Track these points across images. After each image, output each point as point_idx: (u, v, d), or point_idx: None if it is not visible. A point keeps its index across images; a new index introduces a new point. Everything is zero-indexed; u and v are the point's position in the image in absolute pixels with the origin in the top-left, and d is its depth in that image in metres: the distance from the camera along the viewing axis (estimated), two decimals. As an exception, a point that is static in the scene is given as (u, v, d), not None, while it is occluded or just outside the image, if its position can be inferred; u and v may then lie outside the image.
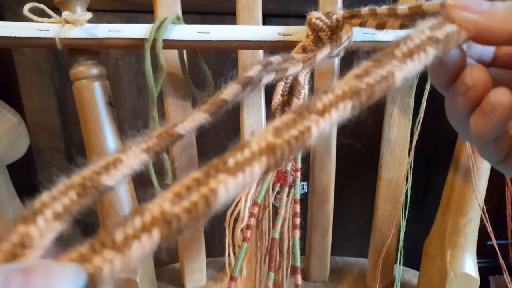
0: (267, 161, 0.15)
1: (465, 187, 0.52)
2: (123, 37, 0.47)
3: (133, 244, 0.13)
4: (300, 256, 0.44)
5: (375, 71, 0.18)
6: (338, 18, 0.42)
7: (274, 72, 0.30)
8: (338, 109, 0.16)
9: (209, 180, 0.14)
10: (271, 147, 0.15)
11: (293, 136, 0.15)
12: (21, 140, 0.74)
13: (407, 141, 0.53)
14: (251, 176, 0.14)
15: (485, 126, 0.20)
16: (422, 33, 0.19)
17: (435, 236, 0.57)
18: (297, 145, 0.15)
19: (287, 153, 0.15)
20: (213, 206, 0.14)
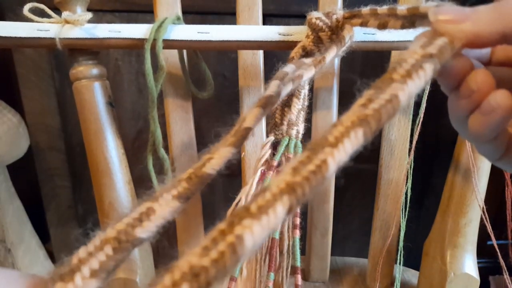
0: (289, 199, 0.15)
1: (465, 187, 0.52)
2: (123, 37, 0.47)
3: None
4: (300, 256, 0.43)
5: (378, 97, 0.18)
6: (338, 18, 0.42)
7: (290, 82, 0.30)
8: (350, 138, 0.16)
9: (234, 228, 0.14)
10: (290, 186, 0.15)
11: (311, 171, 0.15)
12: (21, 140, 0.74)
13: (407, 141, 0.53)
14: (276, 217, 0.14)
15: (483, 126, 0.21)
16: (415, 52, 0.19)
17: (435, 236, 0.57)
18: (316, 179, 0.15)
19: (308, 188, 0.15)
20: (240, 253, 0.14)
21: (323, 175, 0.15)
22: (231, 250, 0.13)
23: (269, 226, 0.14)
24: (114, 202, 0.52)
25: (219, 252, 0.14)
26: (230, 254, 0.13)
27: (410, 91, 0.18)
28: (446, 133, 0.86)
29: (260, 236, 0.14)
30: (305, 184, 0.15)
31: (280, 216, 0.14)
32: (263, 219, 0.14)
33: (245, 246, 0.14)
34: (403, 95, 0.18)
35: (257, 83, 0.52)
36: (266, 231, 0.14)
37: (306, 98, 0.45)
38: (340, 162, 0.16)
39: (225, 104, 0.80)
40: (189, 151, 0.56)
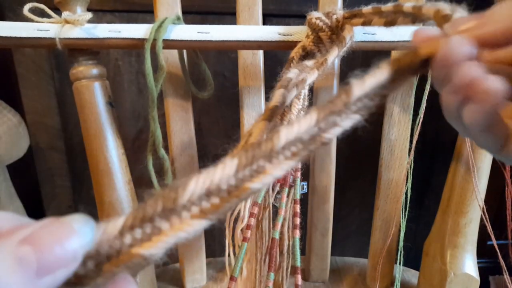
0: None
1: (465, 187, 0.52)
2: (123, 37, 0.47)
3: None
4: (300, 256, 0.43)
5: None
6: (338, 18, 0.42)
7: (295, 88, 0.30)
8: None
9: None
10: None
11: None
12: (21, 140, 0.74)
13: (407, 141, 0.53)
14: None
15: (476, 113, 0.21)
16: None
17: (435, 236, 0.57)
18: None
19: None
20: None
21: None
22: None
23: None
24: (114, 202, 0.52)
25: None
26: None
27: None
28: (446, 133, 0.86)
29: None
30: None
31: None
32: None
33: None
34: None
35: (257, 83, 0.52)
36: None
37: (306, 98, 0.44)
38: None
39: (225, 104, 0.80)
40: (189, 151, 0.55)
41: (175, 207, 0.16)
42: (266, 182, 0.17)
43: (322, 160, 0.55)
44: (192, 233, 0.16)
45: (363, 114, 0.20)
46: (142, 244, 0.15)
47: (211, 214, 0.16)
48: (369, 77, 0.20)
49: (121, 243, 0.15)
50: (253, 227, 0.45)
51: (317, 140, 0.19)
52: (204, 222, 0.16)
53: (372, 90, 0.20)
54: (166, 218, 0.16)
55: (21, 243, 0.13)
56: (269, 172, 0.17)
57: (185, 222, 0.16)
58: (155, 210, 0.16)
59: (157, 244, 0.15)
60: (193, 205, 0.16)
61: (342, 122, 0.19)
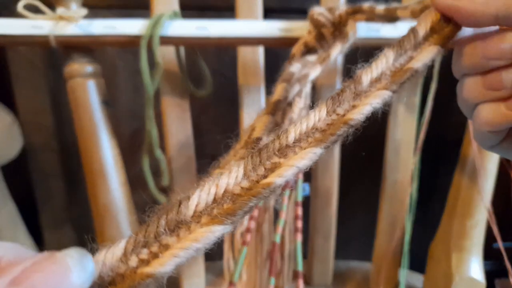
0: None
1: (471, 189, 0.51)
2: (119, 34, 0.47)
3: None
4: (301, 260, 0.43)
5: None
6: (341, 13, 0.41)
7: (297, 83, 0.30)
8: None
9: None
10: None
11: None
12: (15, 140, 0.73)
13: (413, 141, 0.53)
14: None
15: (506, 119, 0.21)
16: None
17: (440, 239, 0.56)
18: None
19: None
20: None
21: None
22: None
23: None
24: (109, 204, 0.51)
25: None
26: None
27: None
28: (453, 133, 0.85)
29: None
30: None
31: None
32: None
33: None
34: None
35: (257, 81, 0.51)
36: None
37: (308, 96, 0.43)
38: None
39: (224, 103, 0.79)
40: (186, 152, 0.55)
41: (180, 220, 0.16)
42: (290, 174, 0.17)
43: (325, 161, 0.55)
44: (208, 241, 0.15)
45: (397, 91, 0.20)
46: (149, 263, 0.15)
47: (226, 218, 0.16)
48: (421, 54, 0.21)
49: (126, 267, 0.15)
50: (253, 230, 0.44)
51: (340, 123, 0.19)
52: (221, 228, 0.16)
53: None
54: (172, 233, 0.15)
55: (10, 285, 0.12)
56: (286, 164, 0.17)
57: (196, 232, 0.15)
58: (159, 227, 0.15)
59: (166, 260, 0.15)
60: (202, 214, 0.16)
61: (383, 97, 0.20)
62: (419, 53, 0.21)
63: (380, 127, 0.59)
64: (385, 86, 0.20)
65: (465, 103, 0.23)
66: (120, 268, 0.15)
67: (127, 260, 0.15)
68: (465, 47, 0.21)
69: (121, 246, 0.15)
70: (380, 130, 0.53)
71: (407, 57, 0.21)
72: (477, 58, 0.21)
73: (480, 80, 0.21)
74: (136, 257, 0.15)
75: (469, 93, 0.22)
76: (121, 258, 0.15)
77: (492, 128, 0.21)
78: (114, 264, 0.15)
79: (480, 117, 0.22)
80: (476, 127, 0.23)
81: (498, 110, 0.21)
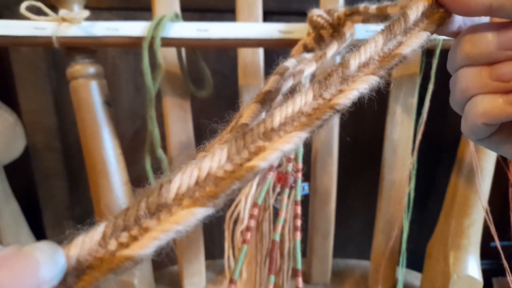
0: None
1: (468, 188, 0.51)
2: (121, 35, 0.47)
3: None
4: (301, 258, 0.43)
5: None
6: (339, 15, 0.41)
7: (291, 77, 0.30)
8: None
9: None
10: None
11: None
12: (18, 140, 0.73)
13: (410, 141, 0.53)
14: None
15: (504, 112, 0.20)
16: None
17: (438, 237, 0.56)
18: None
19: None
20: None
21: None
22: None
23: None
24: (111, 203, 0.52)
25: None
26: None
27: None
28: (450, 133, 0.86)
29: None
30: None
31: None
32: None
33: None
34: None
35: (257, 81, 0.52)
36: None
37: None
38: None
39: (225, 103, 0.79)
40: (188, 151, 0.55)
41: (161, 203, 0.15)
42: (274, 157, 0.17)
43: (324, 160, 0.55)
44: (189, 224, 0.15)
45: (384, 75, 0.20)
46: (129, 246, 0.15)
47: (209, 200, 0.15)
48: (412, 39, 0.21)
49: (104, 250, 0.15)
50: (253, 229, 0.44)
51: (329, 105, 0.18)
52: (203, 210, 0.15)
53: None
54: (153, 216, 0.15)
55: None
56: (271, 148, 0.17)
57: (177, 215, 0.15)
58: (139, 210, 0.15)
59: (146, 242, 0.15)
60: (183, 197, 0.15)
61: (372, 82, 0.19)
62: (408, 38, 0.21)
63: (378, 127, 0.59)
64: (372, 71, 0.20)
65: (461, 95, 0.22)
66: (99, 252, 0.14)
67: (106, 244, 0.15)
68: (472, 36, 0.21)
69: (99, 230, 0.15)
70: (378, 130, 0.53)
71: (396, 42, 0.21)
72: (488, 48, 0.20)
73: (485, 70, 0.21)
74: (115, 240, 0.15)
75: (469, 83, 0.21)
76: (100, 242, 0.15)
77: (488, 120, 0.21)
78: (92, 248, 0.14)
79: (478, 108, 0.21)
80: (470, 118, 0.22)
81: (496, 102, 0.21)
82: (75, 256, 0.14)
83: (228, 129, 0.24)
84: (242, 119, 0.24)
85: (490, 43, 0.20)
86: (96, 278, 0.14)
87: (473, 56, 0.21)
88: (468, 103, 0.22)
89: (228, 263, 0.45)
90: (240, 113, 0.24)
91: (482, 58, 0.21)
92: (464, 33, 0.21)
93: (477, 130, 0.22)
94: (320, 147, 0.54)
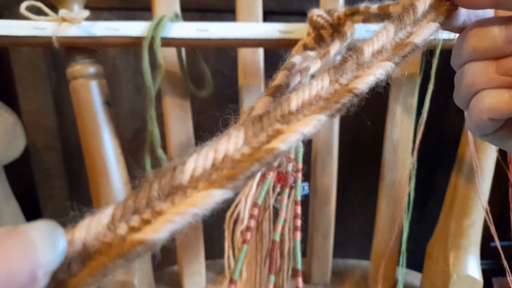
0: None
1: (468, 188, 0.51)
2: (121, 35, 0.47)
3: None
4: (301, 258, 0.43)
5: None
6: (339, 15, 0.41)
7: (298, 74, 0.30)
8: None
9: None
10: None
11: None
12: (18, 140, 0.73)
13: (410, 141, 0.53)
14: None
15: (511, 107, 0.20)
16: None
17: (438, 237, 0.56)
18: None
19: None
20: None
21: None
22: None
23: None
24: (111, 203, 0.52)
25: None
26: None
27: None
28: (450, 133, 0.86)
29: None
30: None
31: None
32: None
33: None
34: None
35: (257, 81, 0.52)
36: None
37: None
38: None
39: (225, 103, 0.79)
40: (188, 151, 0.55)
41: (175, 185, 0.14)
42: (294, 140, 0.16)
43: (324, 160, 0.55)
44: (207, 206, 0.14)
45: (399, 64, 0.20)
46: (140, 230, 0.13)
47: (228, 182, 0.14)
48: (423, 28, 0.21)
49: (113, 235, 0.13)
50: (253, 229, 0.44)
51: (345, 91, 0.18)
52: (221, 193, 0.14)
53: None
54: (167, 198, 0.14)
55: None
56: (290, 130, 0.16)
57: (194, 197, 0.14)
58: (151, 192, 0.14)
59: (160, 226, 0.13)
60: (199, 179, 0.14)
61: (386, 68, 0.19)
62: (418, 29, 0.21)
63: (378, 127, 0.59)
64: (387, 58, 0.20)
65: (466, 90, 0.22)
66: (107, 236, 0.13)
67: (115, 228, 0.13)
68: (478, 31, 0.21)
69: (108, 212, 0.14)
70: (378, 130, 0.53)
71: (406, 33, 0.21)
72: (496, 42, 0.20)
73: (492, 64, 0.21)
74: (126, 224, 0.13)
75: (476, 78, 0.21)
76: (108, 226, 0.13)
77: (494, 115, 0.21)
78: (99, 232, 0.13)
79: (484, 102, 0.21)
80: (475, 113, 0.22)
81: (503, 97, 0.20)
82: (80, 240, 0.13)
83: (240, 121, 0.23)
84: (255, 112, 0.23)
85: (498, 37, 0.20)
86: (104, 264, 0.13)
87: (480, 50, 0.21)
88: (473, 99, 0.22)
89: (228, 263, 0.45)
90: (252, 106, 0.24)
91: (489, 52, 0.21)
92: (470, 28, 0.21)
93: (482, 125, 0.22)
94: (320, 147, 0.54)
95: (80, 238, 0.13)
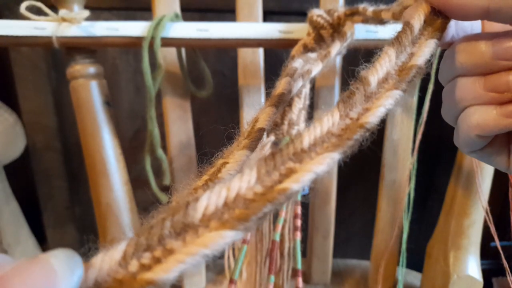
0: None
1: (468, 188, 0.51)
2: (121, 35, 0.47)
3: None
4: (301, 258, 0.43)
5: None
6: (339, 15, 0.41)
7: (300, 78, 0.30)
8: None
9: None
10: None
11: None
12: (18, 140, 0.73)
13: (410, 141, 0.53)
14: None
15: (499, 124, 0.20)
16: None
17: (438, 237, 0.56)
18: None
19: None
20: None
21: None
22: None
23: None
24: (112, 203, 0.52)
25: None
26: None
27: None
28: (450, 133, 0.85)
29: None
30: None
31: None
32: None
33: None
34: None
35: (257, 81, 0.52)
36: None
37: (307, 97, 0.44)
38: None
39: (225, 103, 0.79)
40: (188, 151, 0.55)
41: (187, 223, 0.14)
42: (307, 179, 0.16)
43: (324, 160, 0.54)
44: (218, 247, 0.14)
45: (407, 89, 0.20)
46: (151, 268, 0.13)
47: (239, 223, 0.14)
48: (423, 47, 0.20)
49: (124, 272, 0.13)
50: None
51: (356, 127, 0.18)
52: (232, 234, 0.14)
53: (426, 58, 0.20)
54: (178, 236, 0.14)
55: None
56: (303, 169, 0.16)
57: (205, 237, 0.14)
58: (163, 229, 0.14)
59: (170, 266, 0.13)
60: (211, 218, 0.14)
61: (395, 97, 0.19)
62: (418, 48, 0.20)
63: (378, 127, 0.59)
64: (394, 86, 0.19)
65: (454, 106, 0.22)
66: (119, 273, 0.13)
67: (127, 265, 0.13)
68: (466, 46, 0.21)
69: (120, 248, 0.14)
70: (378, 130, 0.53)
71: (407, 54, 0.20)
72: (483, 58, 0.20)
73: (480, 80, 0.20)
74: (137, 261, 0.13)
75: (463, 94, 0.21)
76: (120, 262, 0.13)
77: (482, 132, 0.21)
78: (112, 269, 0.13)
79: (471, 119, 0.21)
80: (463, 130, 0.22)
81: (491, 114, 0.20)
82: (93, 276, 0.13)
83: (245, 134, 0.23)
84: (258, 124, 0.23)
85: (485, 53, 0.20)
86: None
87: (468, 66, 0.21)
88: (461, 115, 0.22)
89: (228, 263, 0.45)
90: (255, 117, 0.24)
91: (477, 68, 0.20)
92: (458, 43, 0.21)
93: (470, 142, 0.22)
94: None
95: (93, 274, 0.13)
